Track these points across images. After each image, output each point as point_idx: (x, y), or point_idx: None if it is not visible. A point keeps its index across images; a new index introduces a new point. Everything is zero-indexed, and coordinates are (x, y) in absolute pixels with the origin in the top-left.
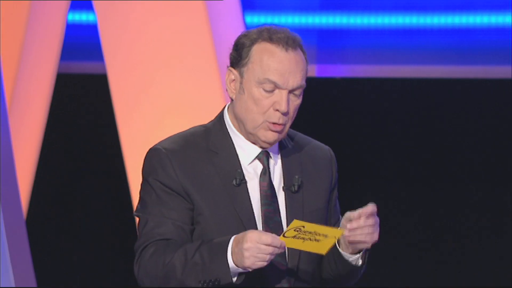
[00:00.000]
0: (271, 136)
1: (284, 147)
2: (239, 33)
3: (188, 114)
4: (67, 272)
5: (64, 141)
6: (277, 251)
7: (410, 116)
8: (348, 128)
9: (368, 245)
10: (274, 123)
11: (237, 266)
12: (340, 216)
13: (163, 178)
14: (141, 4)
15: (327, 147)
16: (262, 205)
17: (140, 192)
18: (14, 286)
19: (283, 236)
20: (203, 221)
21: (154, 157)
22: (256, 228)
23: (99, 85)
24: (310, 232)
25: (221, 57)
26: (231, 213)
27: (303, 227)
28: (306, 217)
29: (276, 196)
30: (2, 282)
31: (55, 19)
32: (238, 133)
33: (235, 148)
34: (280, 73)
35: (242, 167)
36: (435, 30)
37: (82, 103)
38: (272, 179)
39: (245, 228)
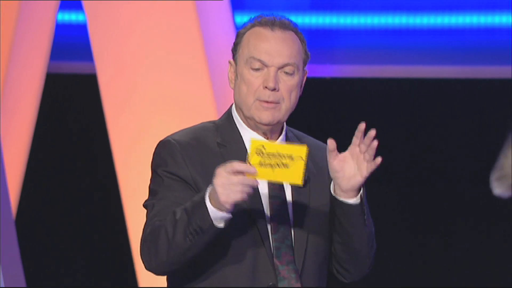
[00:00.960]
0: (266, 116)
1: (290, 141)
2: (229, 33)
3: (178, 113)
4: (56, 272)
5: (54, 141)
6: (248, 181)
7: (401, 117)
8: (338, 128)
9: (362, 178)
10: (265, 101)
11: (217, 209)
12: None
13: (173, 167)
14: (131, 4)
15: (325, 144)
16: (269, 197)
17: (149, 185)
18: (3, 286)
19: (249, 163)
20: None
21: (165, 149)
22: (266, 223)
23: (88, 85)
24: (273, 155)
25: (211, 57)
26: (240, 205)
27: (263, 147)
28: (313, 211)
29: (283, 189)
30: None
31: (45, 18)
32: (247, 127)
33: (244, 142)
34: (265, 50)
35: None
36: (433, 30)
37: (71, 103)
38: None
39: (254, 221)
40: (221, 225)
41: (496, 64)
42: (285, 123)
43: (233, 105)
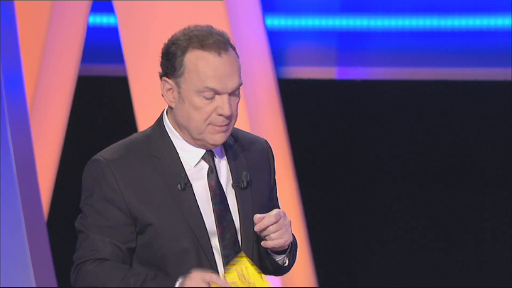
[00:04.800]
0: (219, 138)
1: (227, 145)
2: (259, 35)
3: None
4: None
5: (85, 143)
6: None
7: (415, 118)
8: (369, 130)
9: (278, 248)
10: (219, 126)
11: None
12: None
13: (105, 190)
14: (161, 4)
15: (263, 139)
16: (213, 204)
17: (81, 202)
18: (35, 286)
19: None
20: (153, 231)
21: (96, 169)
22: (206, 232)
23: (119, 88)
24: (247, 279)
25: (241, 58)
26: (179, 218)
27: (247, 272)
28: (256, 212)
29: (225, 194)
30: (23, 282)
31: (77, 20)
32: (180, 136)
33: (177, 152)
34: (218, 79)
35: (188, 170)
36: (433, 33)
37: (102, 105)
38: (219, 177)
39: (194, 233)
40: None
41: (496, 66)
42: None
43: (165, 114)
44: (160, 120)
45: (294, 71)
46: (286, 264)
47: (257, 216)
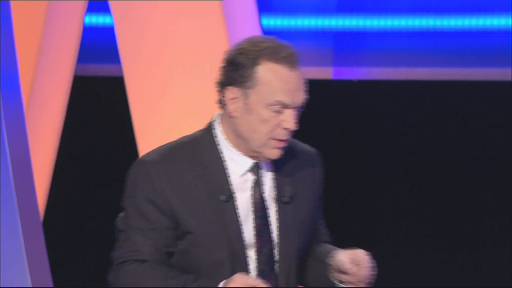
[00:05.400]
0: (276, 153)
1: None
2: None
3: (206, 116)
4: (83, 272)
5: (81, 143)
6: None
7: (415, 118)
8: (365, 130)
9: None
10: (280, 140)
11: None
12: (321, 224)
13: (149, 192)
14: (157, 4)
15: (314, 150)
16: (254, 217)
17: (124, 202)
18: (30, 286)
19: None
20: (192, 239)
21: (141, 170)
22: (243, 246)
23: (115, 88)
24: None
25: None
26: (219, 229)
27: None
28: (297, 228)
29: (267, 208)
30: (18, 282)
31: (73, 19)
32: (229, 144)
33: (224, 161)
34: (289, 93)
35: (233, 180)
36: (433, 33)
37: (99, 105)
38: (263, 190)
39: (232, 246)
40: None
41: (496, 66)
42: None
43: (216, 121)
44: (210, 126)
45: None
46: None
47: (351, 269)
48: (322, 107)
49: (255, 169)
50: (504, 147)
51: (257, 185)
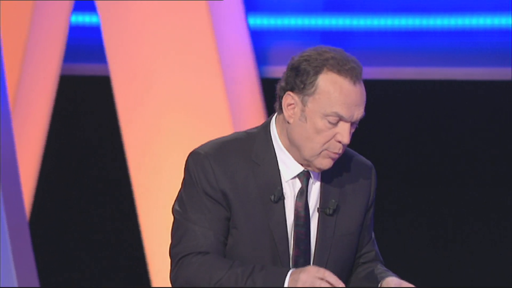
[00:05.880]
0: (327, 164)
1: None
2: (242, 35)
3: (191, 115)
4: (69, 272)
5: (67, 143)
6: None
7: (414, 118)
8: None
9: None
10: (334, 153)
11: None
12: (373, 234)
13: (205, 184)
14: (144, 4)
15: (370, 163)
16: (294, 225)
17: (180, 192)
18: (17, 286)
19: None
20: (237, 234)
21: (197, 162)
22: (288, 248)
23: (102, 87)
24: None
25: (224, 57)
26: (265, 229)
27: None
28: (336, 240)
29: (309, 218)
30: (5, 282)
31: (59, 19)
32: (283, 147)
33: (277, 162)
34: (347, 107)
35: (281, 183)
36: (433, 32)
37: (85, 104)
38: (308, 199)
39: (277, 247)
40: None
41: (497, 66)
42: None
43: (273, 120)
44: (267, 125)
45: (277, 71)
46: None
47: None
48: None
49: (304, 177)
50: (504, 146)
51: (302, 194)
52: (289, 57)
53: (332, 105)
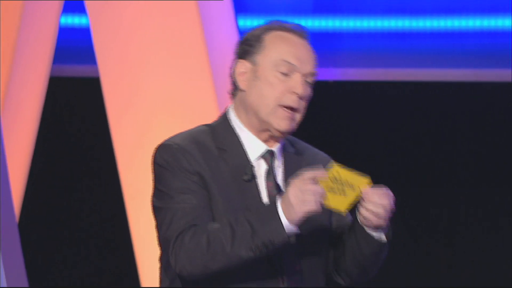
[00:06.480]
0: (285, 125)
1: (286, 151)
2: (232, 36)
3: (181, 116)
4: (59, 272)
5: (57, 144)
6: (320, 190)
7: (404, 120)
8: (341, 131)
9: (372, 224)
10: (288, 107)
11: (289, 221)
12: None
13: (182, 168)
14: (133, 4)
15: (326, 155)
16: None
17: (156, 188)
18: (5, 286)
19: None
20: (216, 216)
21: (168, 152)
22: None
23: (91, 88)
24: (340, 181)
25: (213, 58)
26: (242, 209)
27: (338, 173)
28: (312, 230)
29: (280, 196)
30: None
31: (48, 20)
32: (244, 127)
33: (242, 144)
34: (296, 56)
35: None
36: (433, 33)
37: (74, 106)
38: (276, 179)
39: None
40: (292, 238)
41: (496, 67)
42: None
43: (230, 108)
44: (224, 115)
45: None
46: (384, 240)
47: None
48: None
49: (269, 157)
50: (505, 148)
51: (270, 174)
52: None
53: (281, 54)
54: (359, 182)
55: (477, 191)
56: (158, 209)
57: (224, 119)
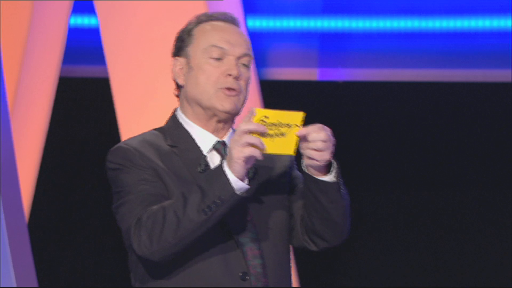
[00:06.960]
0: (228, 104)
1: None
2: None
3: None
4: (67, 272)
5: (66, 145)
6: (256, 140)
7: (412, 120)
8: (350, 131)
9: (319, 162)
10: (227, 88)
11: (236, 176)
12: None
13: (136, 164)
14: (143, 5)
15: None
16: None
17: (113, 191)
18: (15, 286)
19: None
20: None
21: (120, 153)
22: (229, 219)
23: (101, 89)
24: (274, 124)
25: None
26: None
27: (266, 117)
28: (266, 203)
29: None
30: (3, 283)
31: (58, 20)
32: (194, 124)
33: (194, 139)
34: (225, 39)
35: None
36: (434, 34)
37: (84, 106)
38: None
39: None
40: (240, 192)
41: (496, 67)
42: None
43: (177, 109)
44: (173, 116)
45: (276, 73)
46: (334, 179)
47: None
48: (307, 108)
49: (221, 148)
50: (504, 148)
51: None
52: (288, 59)
53: (209, 41)
54: (294, 118)
55: (477, 191)
56: (117, 208)
57: (173, 119)
